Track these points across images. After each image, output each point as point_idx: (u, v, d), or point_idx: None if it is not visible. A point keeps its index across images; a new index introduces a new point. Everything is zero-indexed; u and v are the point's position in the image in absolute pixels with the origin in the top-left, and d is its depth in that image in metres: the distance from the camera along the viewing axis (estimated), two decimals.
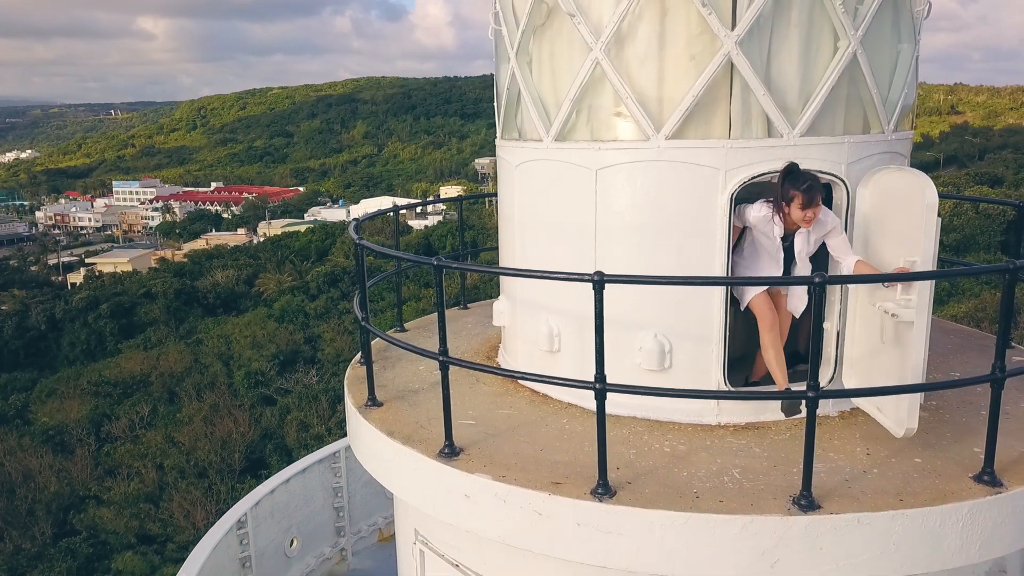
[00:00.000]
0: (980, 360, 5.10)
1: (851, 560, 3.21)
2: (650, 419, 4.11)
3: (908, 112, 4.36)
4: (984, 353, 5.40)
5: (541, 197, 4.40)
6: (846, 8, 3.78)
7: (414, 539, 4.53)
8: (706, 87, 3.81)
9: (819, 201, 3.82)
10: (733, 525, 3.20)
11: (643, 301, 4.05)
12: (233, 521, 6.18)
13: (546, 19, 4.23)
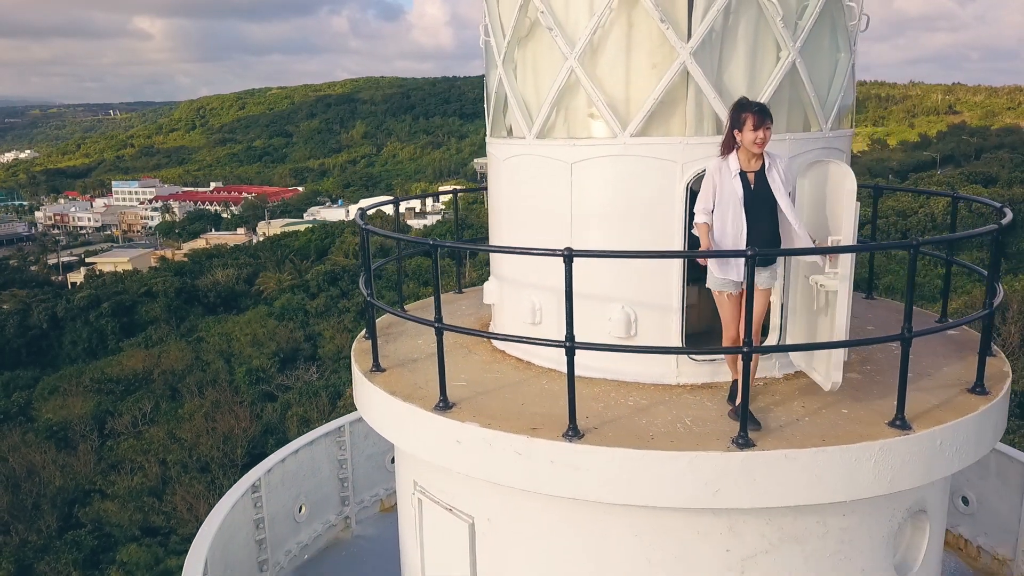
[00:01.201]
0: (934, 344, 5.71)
1: (781, 489, 3.82)
2: (618, 380, 4.72)
3: (846, 113, 4.97)
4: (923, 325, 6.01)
5: (525, 188, 5.01)
6: (786, 24, 4.39)
7: (413, 490, 5.14)
8: (665, 91, 4.42)
9: (770, 124, 4.07)
10: (681, 460, 3.81)
11: (612, 278, 4.66)
12: (248, 485, 6.79)
13: (529, 32, 4.85)
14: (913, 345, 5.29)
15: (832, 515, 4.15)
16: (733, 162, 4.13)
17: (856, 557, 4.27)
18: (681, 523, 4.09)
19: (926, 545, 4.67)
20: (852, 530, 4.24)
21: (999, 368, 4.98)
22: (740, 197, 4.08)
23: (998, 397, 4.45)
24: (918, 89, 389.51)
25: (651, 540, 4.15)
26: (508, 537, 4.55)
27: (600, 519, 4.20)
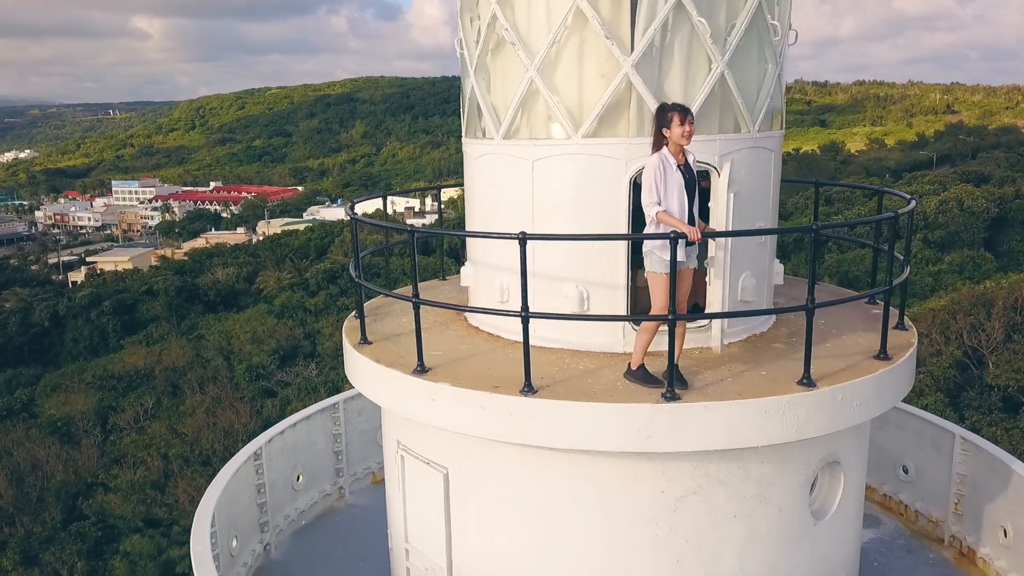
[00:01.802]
0: (848, 313, 6.40)
1: (702, 436, 4.52)
2: (573, 349, 5.41)
3: (775, 115, 5.67)
4: (856, 309, 6.72)
5: (493, 182, 5.71)
6: (715, 40, 5.09)
7: (396, 448, 5.84)
8: (612, 98, 5.11)
9: (692, 120, 4.66)
10: (618, 411, 4.52)
11: (568, 260, 5.35)
12: (251, 452, 7.49)
13: (496, 46, 5.54)
14: (839, 321, 6.02)
15: (752, 461, 4.85)
16: (669, 156, 4.77)
17: (774, 500, 4.97)
18: (621, 467, 4.79)
19: (841, 493, 5.37)
20: (770, 476, 4.93)
21: (907, 340, 5.67)
22: (682, 185, 4.75)
23: (898, 362, 5.15)
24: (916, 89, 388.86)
25: (596, 483, 4.85)
26: (477, 485, 5.25)
27: (554, 465, 4.89)
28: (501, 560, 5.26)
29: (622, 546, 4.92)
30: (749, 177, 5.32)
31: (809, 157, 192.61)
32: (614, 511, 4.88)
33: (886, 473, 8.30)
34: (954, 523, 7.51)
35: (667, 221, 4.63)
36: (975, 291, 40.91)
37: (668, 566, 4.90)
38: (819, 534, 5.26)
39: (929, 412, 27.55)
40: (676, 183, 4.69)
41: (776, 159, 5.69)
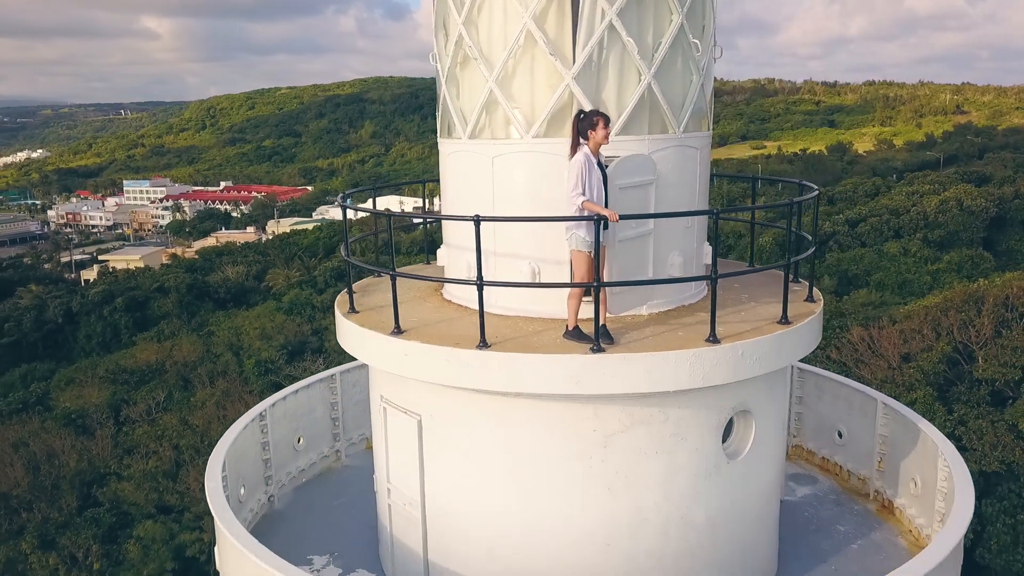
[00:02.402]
0: (773, 287, 7.38)
1: (623, 380, 5.52)
2: (527, 317, 6.42)
3: (701, 119, 6.66)
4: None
5: (462, 176, 6.73)
6: (643, 56, 6.09)
7: (380, 402, 6.87)
8: (557, 105, 6.12)
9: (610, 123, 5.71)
10: (555, 361, 5.53)
11: (522, 241, 6.36)
12: (256, 414, 8.52)
13: (463, 60, 6.56)
14: (761, 295, 7.00)
15: (670, 406, 5.85)
16: (591, 155, 5.76)
17: (690, 439, 5.97)
18: (561, 410, 5.80)
19: (753, 438, 6.36)
20: (686, 419, 5.94)
21: (812, 309, 6.65)
22: (601, 179, 5.76)
23: (795, 326, 6.13)
24: (926, 89, 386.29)
25: (542, 423, 5.86)
26: (444, 428, 6.27)
27: (507, 409, 5.91)
28: (465, 492, 6.28)
29: (563, 477, 5.93)
30: (674, 171, 6.31)
31: (815, 158, 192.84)
32: (556, 447, 5.89)
33: (824, 438, 9.28)
34: (877, 479, 8.48)
35: (592, 208, 5.64)
36: (968, 289, 41.68)
37: (601, 493, 5.91)
38: (733, 471, 6.26)
39: (917, 406, 28.34)
40: (597, 177, 5.68)
41: (702, 156, 6.68)
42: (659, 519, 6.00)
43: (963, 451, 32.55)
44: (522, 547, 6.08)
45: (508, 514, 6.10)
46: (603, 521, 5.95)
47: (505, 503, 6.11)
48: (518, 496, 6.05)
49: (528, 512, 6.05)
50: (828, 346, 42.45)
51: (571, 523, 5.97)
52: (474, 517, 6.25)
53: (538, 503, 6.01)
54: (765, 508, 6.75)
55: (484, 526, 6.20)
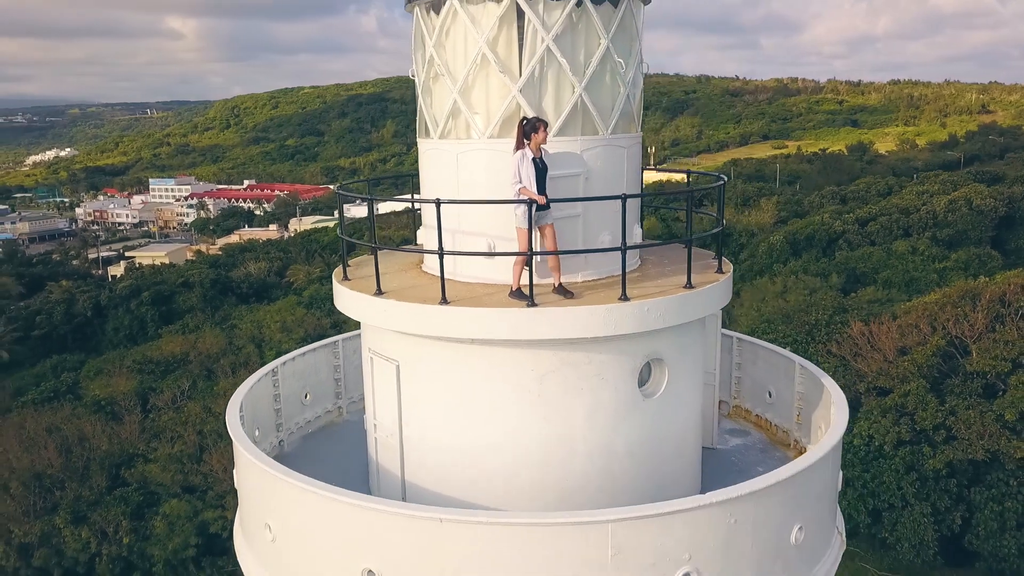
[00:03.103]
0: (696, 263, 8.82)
1: (550, 328, 7.03)
2: (485, 283, 7.92)
3: (629, 122, 8.15)
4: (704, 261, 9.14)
5: (434, 170, 8.26)
6: (575, 73, 7.60)
7: (368, 353, 8.43)
8: (506, 112, 7.64)
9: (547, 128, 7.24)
10: (498, 313, 7.05)
11: (481, 221, 7.86)
12: (269, 369, 10.12)
13: (434, 76, 8.09)
14: (681, 268, 8.45)
15: (593, 351, 7.35)
16: (529, 153, 7.30)
17: (609, 380, 7.47)
18: (506, 353, 7.31)
19: (666, 382, 7.84)
20: (607, 362, 7.43)
21: (716, 278, 8.11)
22: (534, 173, 7.30)
23: (696, 290, 7.61)
24: (952, 88, 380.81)
25: (490, 363, 7.38)
26: (416, 372, 7.81)
27: (464, 354, 7.43)
28: (432, 423, 7.82)
29: (510, 408, 7.45)
30: (603, 165, 7.81)
31: (833, 157, 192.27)
32: (502, 384, 7.41)
33: (757, 398, 10.73)
34: (796, 430, 9.93)
35: (526, 193, 7.17)
36: (965, 285, 42.67)
37: (538, 421, 7.43)
38: (649, 409, 7.75)
39: (910, 398, 29.57)
40: (531, 170, 7.24)
41: (630, 154, 8.15)
42: (586, 446, 7.51)
43: (951, 440, 33.73)
44: (477, 466, 7.60)
45: (466, 440, 7.63)
46: (540, 446, 7.47)
47: (463, 431, 7.64)
48: (473, 425, 7.58)
49: (481, 438, 7.57)
50: (829, 340, 43.63)
51: (515, 447, 7.49)
52: (439, 443, 7.79)
53: (489, 430, 7.53)
54: (682, 444, 8.22)
55: (447, 450, 7.73)
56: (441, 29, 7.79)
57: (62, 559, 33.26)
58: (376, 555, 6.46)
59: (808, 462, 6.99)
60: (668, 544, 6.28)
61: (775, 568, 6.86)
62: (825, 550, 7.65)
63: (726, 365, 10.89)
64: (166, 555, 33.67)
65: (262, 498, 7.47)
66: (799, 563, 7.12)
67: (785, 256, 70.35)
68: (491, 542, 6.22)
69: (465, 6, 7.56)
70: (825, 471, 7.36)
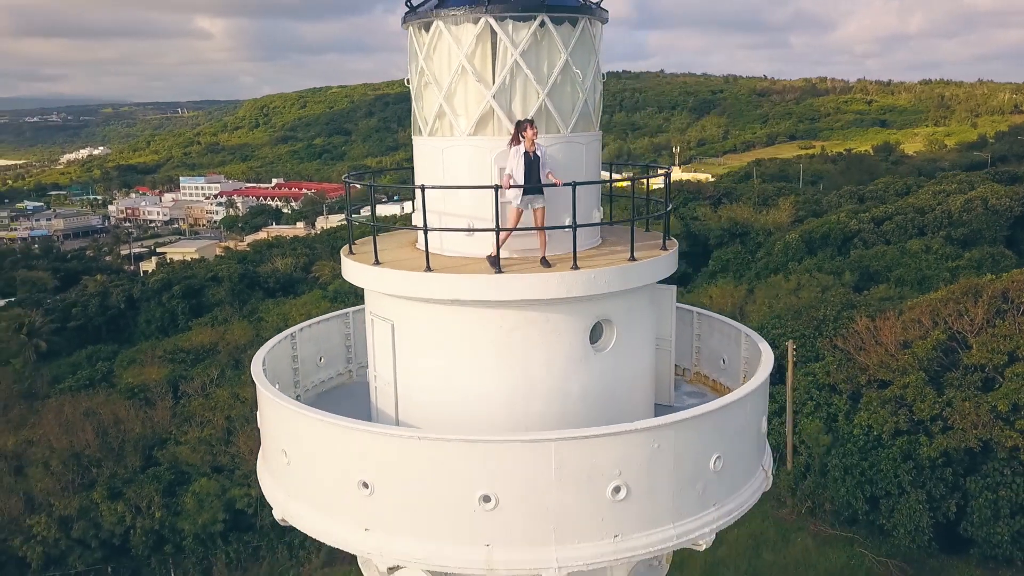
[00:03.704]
0: (646, 241, 10.35)
1: (513, 291, 8.61)
2: (468, 257, 9.50)
3: (587, 123, 9.70)
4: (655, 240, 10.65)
5: (424, 162, 9.87)
6: (539, 82, 9.17)
7: (370, 315, 10.07)
8: (481, 114, 9.23)
9: (536, 128, 8.79)
10: (471, 278, 8.64)
11: (462, 205, 9.46)
12: (288, 333, 11.78)
13: (424, 83, 9.71)
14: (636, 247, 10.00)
15: (551, 312, 8.92)
16: (520, 148, 8.84)
17: (565, 336, 9.03)
18: (479, 313, 8.89)
19: (614, 340, 9.39)
20: (562, 321, 9.00)
21: (659, 253, 9.64)
22: (523, 166, 8.91)
23: (638, 262, 9.14)
24: (984, 88, 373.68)
25: (466, 321, 8.97)
26: (408, 329, 9.43)
27: (446, 313, 9.03)
28: (421, 372, 9.43)
29: (482, 358, 9.04)
30: (564, 159, 9.37)
31: (857, 158, 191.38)
32: (477, 337, 9.00)
33: (713, 365, 12.23)
34: None
35: (506, 181, 8.81)
36: (969, 282, 43.59)
37: (506, 370, 9.00)
38: (600, 361, 9.30)
39: (909, 390, 30.99)
40: (520, 164, 8.80)
41: (588, 150, 9.69)
42: (544, 389, 9.08)
43: (947, 430, 34.80)
44: (457, 407, 9.19)
45: (447, 385, 9.24)
46: (507, 390, 9.04)
47: (446, 378, 9.24)
48: (453, 373, 9.18)
49: (460, 384, 9.17)
50: (836, 335, 44.73)
51: (486, 390, 9.08)
52: (427, 389, 9.41)
53: (466, 377, 9.13)
54: (631, 393, 9.76)
55: (433, 394, 9.35)
56: (430, 45, 9.40)
57: (99, 531, 35.36)
58: (369, 469, 8.09)
59: (723, 403, 8.53)
60: (602, 462, 7.84)
61: (695, 488, 8.39)
62: (746, 481, 9.16)
63: (687, 336, 12.41)
64: (195, 529, 35.71)
65: (279, 429, 9.15)
66: (718, 488, 8.65)
67: (800, 254, 71.29)
68: (458, 457, 7.83)
69: (449, 27, 9.17)
70: (742, 413, 8.87)
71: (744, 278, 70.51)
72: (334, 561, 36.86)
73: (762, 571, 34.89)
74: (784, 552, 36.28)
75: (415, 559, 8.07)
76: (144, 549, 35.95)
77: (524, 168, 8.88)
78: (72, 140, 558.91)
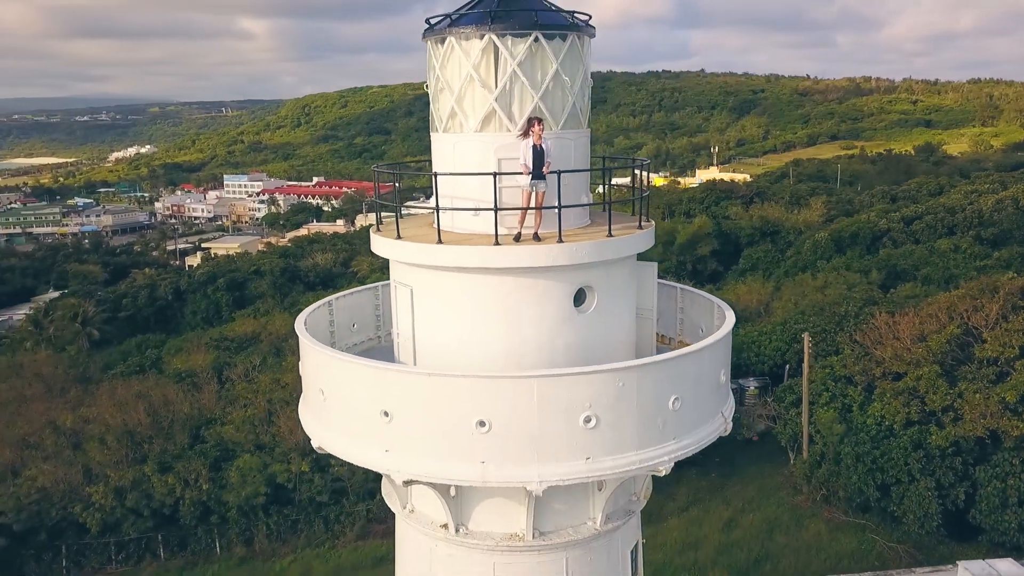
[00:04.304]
0: (629, 223, 12.12)
1: (508, 259, 10.48)
2: (472, 232, 11.39)
3: (576, 121, 11.52)
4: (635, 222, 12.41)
5: (439, 154, 11.78)
6: (533, 87, 11.03)
7: (393, 282, 12.01)
8: (485, 113, 11.12)
9: (542, 124, 10.70)
10: (472, 249, 10.53)
11: (472, 189, 11.34)
12: (326, 302, 13.77)
13: (440, 88, 11.62)
14: (618, 229, 11.80)
15: (541, 278, 10.76)
16: (529, 141, 10.67)
17: (553, 298, 10.86)
18: (482, 279, 10.76)
19: (595, 303, 11.21)
20: (552, 286, 10.83)
21: (634, 231, 11.43)
22: (531, 156, 10.75)
23: (614, 238, 10.94)
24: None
25: (471, 285, 10.85)
26: (426, 294, 11.34)
27: (455, 279, 10.93)
28: (434, 330, 11.34)
29: (485, 316, 10.90)
30: (556, 152, 11.20)
31: (896, 158, 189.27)
32: (479, 300, 10.88)
33: (694, 334, 13.92)
34: None
35: (524, 171, 10.65)
36: (988, 280, 44.47)
37: (504, 326, 10.85)
38: (582, 321, 11.11)
39: (922, 382, 32.61)
40: (528, 152, 10.58)
41: (576, 144, 11.49)
42: (535, 343, 10.91)
43: (957, 421, 35.93)
44: (462, 357, 11.05)
45: (455, 339, 11.12)
46: (504, 343, 10.89)
47: (454, 334, 11.13)
48: (461, 330, 11.06)
49: (465, 338, 11.04)
50: (856, 330, 45.85)
51: (488, 344, 10.95)
52: (438, 342, 11.31)
53: (470, 333, 11.01)
54: (610, 349, 11.51)
55: (443, 346, 11.25)
56: (444, 57, 11.31)
57: (151, 501, 37.98)
58: (389, 401, 10.03)
59: (679, 353, 10.33)
60: (575, 397, 9.69)
61: (655, 423, 10.19)
62: (705, 422, 10.92)
63: (672, 310, 14.17)
64: (239, 502, 38.16)
65: (318, 373, 11.13)
66: (676, 425, 10.42)
67: (829, 253, 72.09)
68: (460, 391, 9.74)
69: (460, 42, 11.06)
70: (698, 363, 10.65)
71: (773, 276, 71.53)
72: (367, 535, 39.11)
73: (775, 553, 36.38)
74: (797, 536, 37.71)
75: (425, 474, 10.00)
76: (191, 519, 38.52)
77: (534, 157, 10.73)
78: (120, 139, 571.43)
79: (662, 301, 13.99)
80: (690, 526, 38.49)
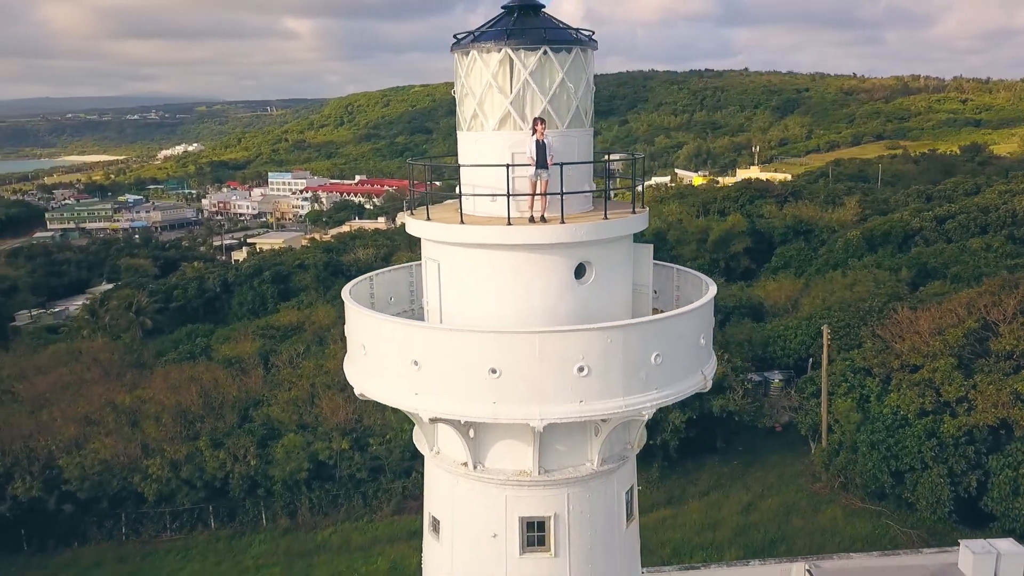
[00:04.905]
0: (626, 209, 14.08)
1: (518, 237, 12.52)
2: (491, 216, 13.44)
3: (580, 120, 13.52)
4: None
5: (464, 150, 13.85)
6: (541, 92, 13.05)
7: (424, 258, 14.13)
8: (502, 114, 13.18)
9: (544, 123, 12.63)
10: (490, 228, 12.60)
11: (490, 179, 13.40)
12: (367, 277, 15.94)
13: (464, 93, 13.69)
14: (617, 214, 13.78)
15: (546, 254, 12.77)
16: (534, 137, 12.70)
17: (557, 270, 12.86)
18: (496, 254, 12.82)
19: (593, 276, 13.20)
20: (556, 261, 12.84)
21: (628, 215, 13.38)
22: (535, 150, 12.78)
23: (609, 220, 12.91)
24: None
25: (492, 261, 12.91)
26: (450, 267, 13.44)
27: (477, 255, 12.99)
28: (458, 299, 13.42)
29: (499, 287, 12.95)
30: (560, 148, 13.21)
31: (938, 158, 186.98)
32: (496, 272, 12.92)
33: None
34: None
35: (531, 162, 12.70)
36: (1008, 277, 45.38)
37: (519, 294, 12.88)
38: (582, 290, 13.10)
39: (938, 373, 34.30)
40: (534, 147, 12.61)
41: (580, 141, 13.47)
42: (544, 307, 12.92)
43: (970, 411, 37.19)
44: (480, 321, 13.14)
45: (475, 306, 13.19)
46: (515, 309, 12.91)
47: (475, 302, 13.20)
48: (480, 299, 13.12)
49: (483, 306, 13.11)
50: (878, 324, 47.11)
51: (501, 310, 12.99)
52: (461, 310, 13.40)
53: (488, 301, 13.07)
54: (606, 315, 13.50)
55: (464, 312, 13.33)
56: (468, 66, 13.40)
57: (203, 474, 40.74)
58: (418, 352, 12.15)
59: (660, 317, 12.31)
60: (570, 349, 11.71)
61: (639, 375, 12.16)
62: (684, 378, 12.85)
63: (670, 289, 16.10)
64: (284, 476, 40.77)
65: (360, 331, 13.30)
66: (659, 377, 12.37)
67: (861, 251, 72.86)
68: (476, 344, 11.83)
69: (481, 54, 13.14)
70: (678, 326, 12.59)
71: (804, 274, 72.53)
72: (403, 511, 41.47)
73: (790, 535, 37.93)
74: (813, 520, 39.21)
75: (447, 412, 12.10)
76: (240, 492, 41.23)
77: (537, 151, 12.78)
78: (169, 137, 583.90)
79: (660, 280, 15.97)
80: (710, 509, 40.18)
